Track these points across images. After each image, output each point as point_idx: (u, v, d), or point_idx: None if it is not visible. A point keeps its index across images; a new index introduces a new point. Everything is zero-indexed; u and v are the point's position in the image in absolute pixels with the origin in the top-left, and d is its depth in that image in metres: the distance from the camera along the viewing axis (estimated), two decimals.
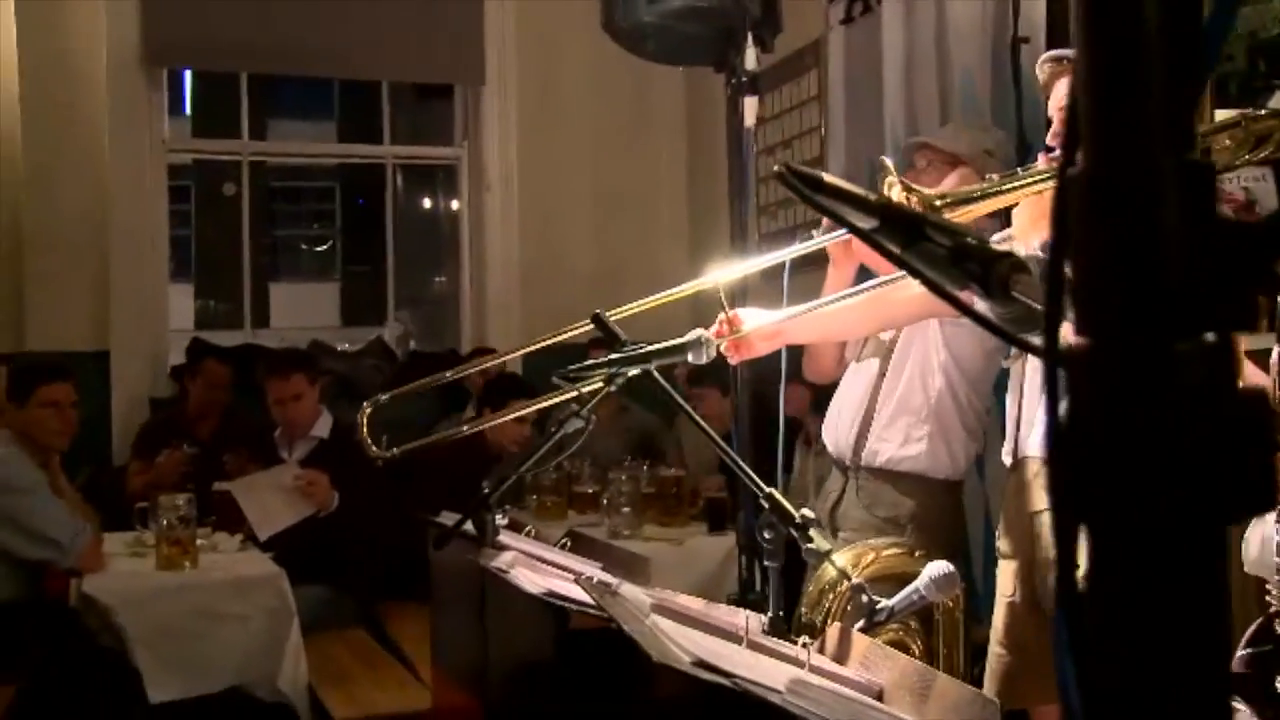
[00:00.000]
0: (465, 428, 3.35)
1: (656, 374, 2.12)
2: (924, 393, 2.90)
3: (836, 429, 3.07)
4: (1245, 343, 0.40)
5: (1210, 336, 0.41)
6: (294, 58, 6.02)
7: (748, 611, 1.83)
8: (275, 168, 14.85)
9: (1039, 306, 0.75)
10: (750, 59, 3.05)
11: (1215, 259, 0.41)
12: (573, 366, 2.13)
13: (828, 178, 0.79)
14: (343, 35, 5.88)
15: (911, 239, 0.79)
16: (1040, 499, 2.28)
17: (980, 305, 0.78)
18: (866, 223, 0.78)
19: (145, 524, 3.82)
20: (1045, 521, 2.24)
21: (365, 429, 2.48)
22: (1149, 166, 0.41)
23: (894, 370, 2.93)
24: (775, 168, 0.80)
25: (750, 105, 3.08)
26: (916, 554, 2.64)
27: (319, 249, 18.10)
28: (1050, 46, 3.33)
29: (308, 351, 5.30)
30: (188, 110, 12.59)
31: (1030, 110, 3.36)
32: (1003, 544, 2.45)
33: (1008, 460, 2.42)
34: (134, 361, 5.60)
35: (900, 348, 2.94)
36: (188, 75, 10.76)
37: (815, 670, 1.51)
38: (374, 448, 2.49)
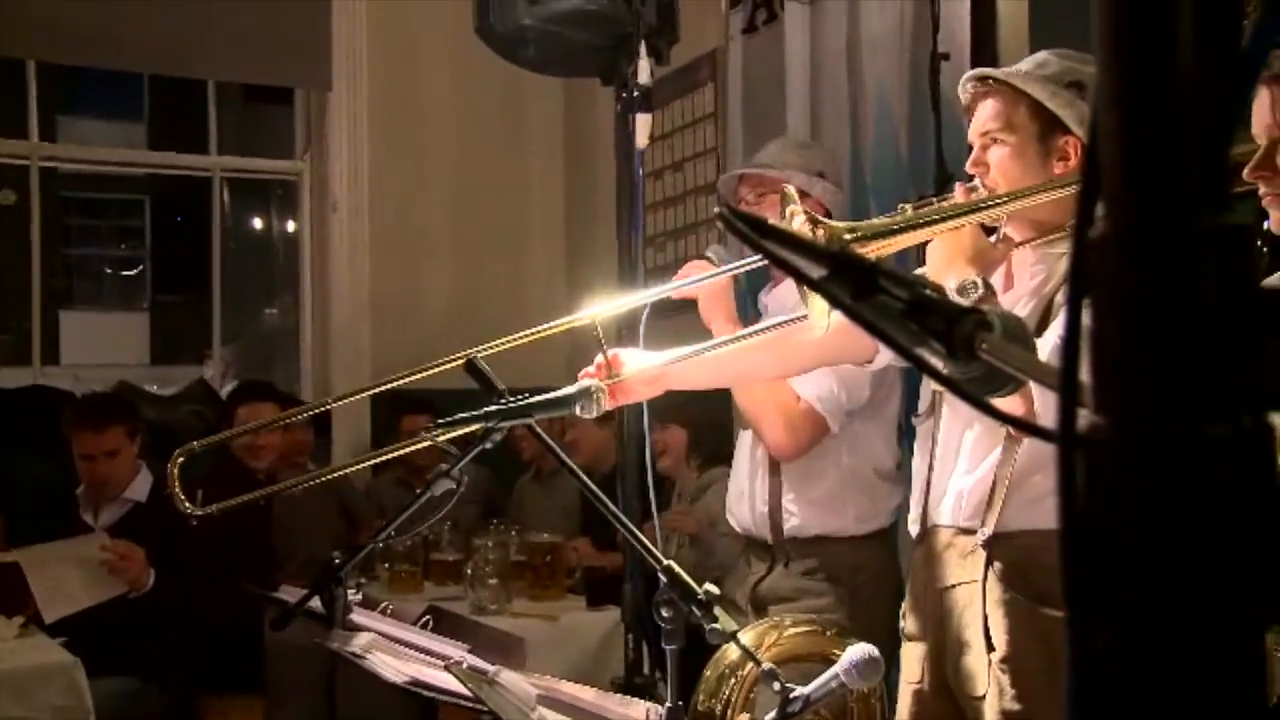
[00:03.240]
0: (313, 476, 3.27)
1: (538, 429, 2.12)
2: (831, 452, 2.99)
3: (744, 507, 3.12)
4: None
5: (1246, 419, 0.42)
6: (96, 46, 5.79)
7: (647, 704, 1.82)
8: (69, 175, 14.40)
9: (1009, 369, 0.77)
10: (644, 71, 3.07)
11: (1252, 332, 0.42)
12: (445, 419, 2.10)
13: (773, 222, 0.80)
14: (159, 23, 5.69)
15: (864, 290, 0.80)
16: (953, 573, 2.29)
17: (938, 363, 0.80)
18: (816, 271, 0.79)
19: None
20: (958, 598, 2.27)
21: (175, 482, 2.39)
22: (1182, 231, 0.42)
23: None
24: (716, 210, 0.80)
25: (643, 123, 3.10)
26: (828, 633, 2.68)
27: (125, 273, 17.61)
28: (975, 64, 3.44)
29: (128, 400, 5.08)
30: None
31: (951, 134, 3.46)
32: (909, 623, 2.46)
33: (914, 530, 2.43)
34: None
35: None
36: None
37: None
38: (186, 504, 2.40)
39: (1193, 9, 0.43)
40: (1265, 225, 1.72)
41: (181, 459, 2.43)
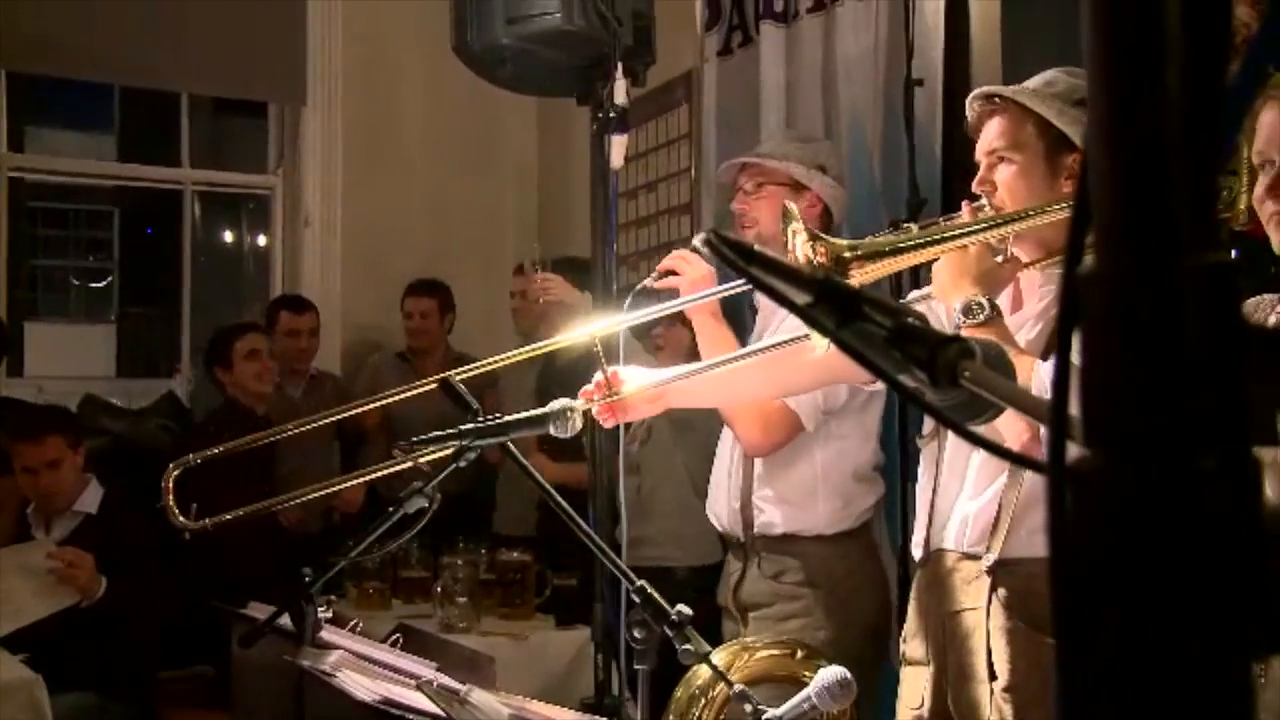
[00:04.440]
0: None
1: (513, 448, 2.12)
2: (805, 450, 3.00)
3: (718, 502, 3.11)
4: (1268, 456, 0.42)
5: (1234, 452, 0.42)
6: (67, 56, 5.73)
7: None
8: (36, 185, 14.29)
9: (990, 398, 0.77)
10: (620, 92, 3.09)
11: (1239, 368, 0.43)
12: (418, 437, 2.10)
13: (758, 247, 0.80)
14: (131, 34, 5.65)
15: (848, 317, 0.81)
16: (957, 598, 2.28)
17: (922, 390, 0.80)
18: (801, 298, 0.80)
19: None
20: (962, 624, 2.26)
21: (170, 495, 2.38)
22: (1172, 265, 0.42)
23: None
24: (700, 236, 0.81)
25: (618, 144, 3.12)
26: (798, 654, 2.68)
27: (92, 285, 17.48)
28: (948, 91, 3.46)
29: (64, 409, 5.04)
30: None
31: (924, 159, 3.49)
32: (910, 647, 2.44)
33: (918, 553, 2.41)
34: None
35: None
36: None
37: None
38: (180, 517, 2.38)
39: (1182, 42, 0.44)
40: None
41: (177, 472, 2.42)
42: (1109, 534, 0.43)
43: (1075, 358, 0.47)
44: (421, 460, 2.16)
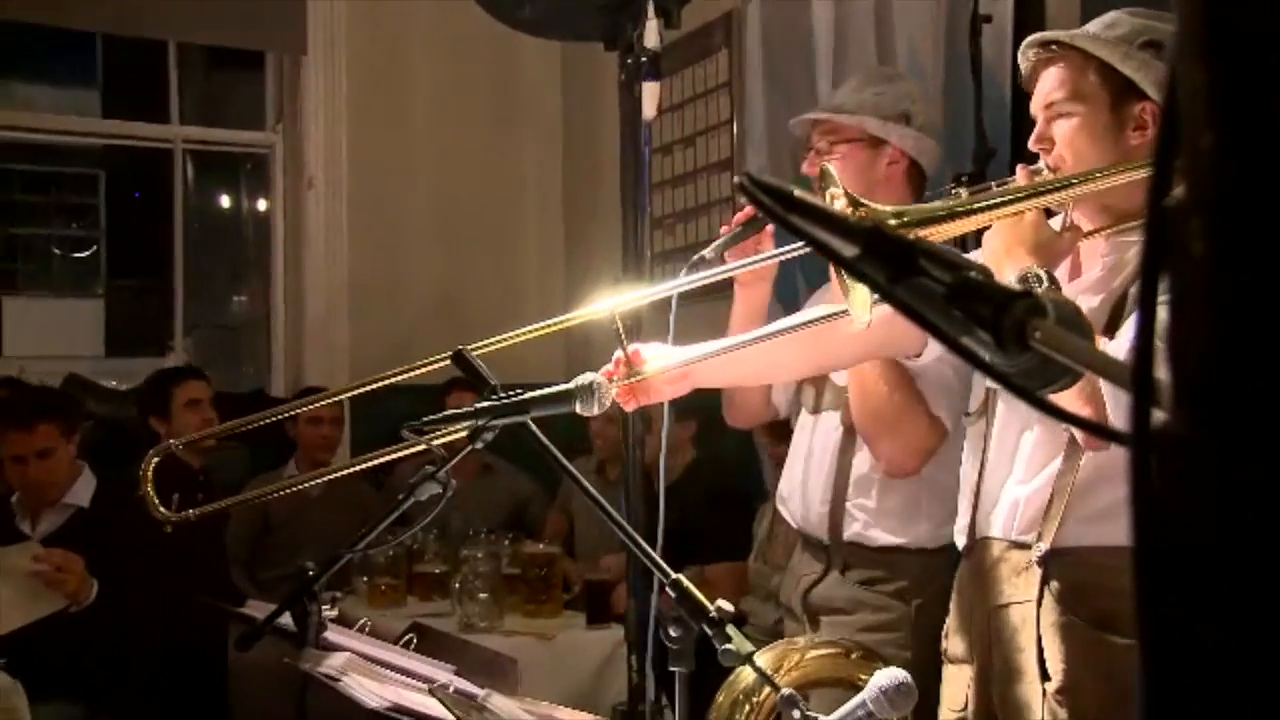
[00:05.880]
0: (293, 482, 3.27)
1: (535, 428, 2.10)
2: None
3: (802, 500, 3.05)
4: None
5: None
6: (48, 3, 5.81)
7: None
8: (15, 145, 14.37)
9: (1065, 361, 0.75)
10: (651, 35, 3.05)
11: None
12: (428, 417, 2.09)
13: (800, 194, 0.78)
14: None
15: (902, 271, 0.79)
16: (1004, 591, 2.26)
17: (985, 354, 0.78)
18: (849, 250, 0.78)
19: None
20: (1009, 619, 2.24)
21: (150, 484, 2.39)
22: None
23: None
24: (736, 179, 0.79)
25: (650, 92, 3.08)
26: (853, 655, 2.66)
27: (76, 255, 17.60)
28: (1019, 28, 3.41)
29: (59, 392, 5.08)
30: None
31: (992, 104, 3.44)
32: (952, 645, 2.43)
33: (961, 540, 2.40)
34: None
35: None
36: None
37: None
38: (161, 508, 2.39)
39: None
40: None
41: (156, 459, 2.43)
42: (1203, 513, 0.41)
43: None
44: (435, 443, 2.16)
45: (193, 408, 5.01)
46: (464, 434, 2.08)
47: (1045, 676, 2.17)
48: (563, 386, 2.13)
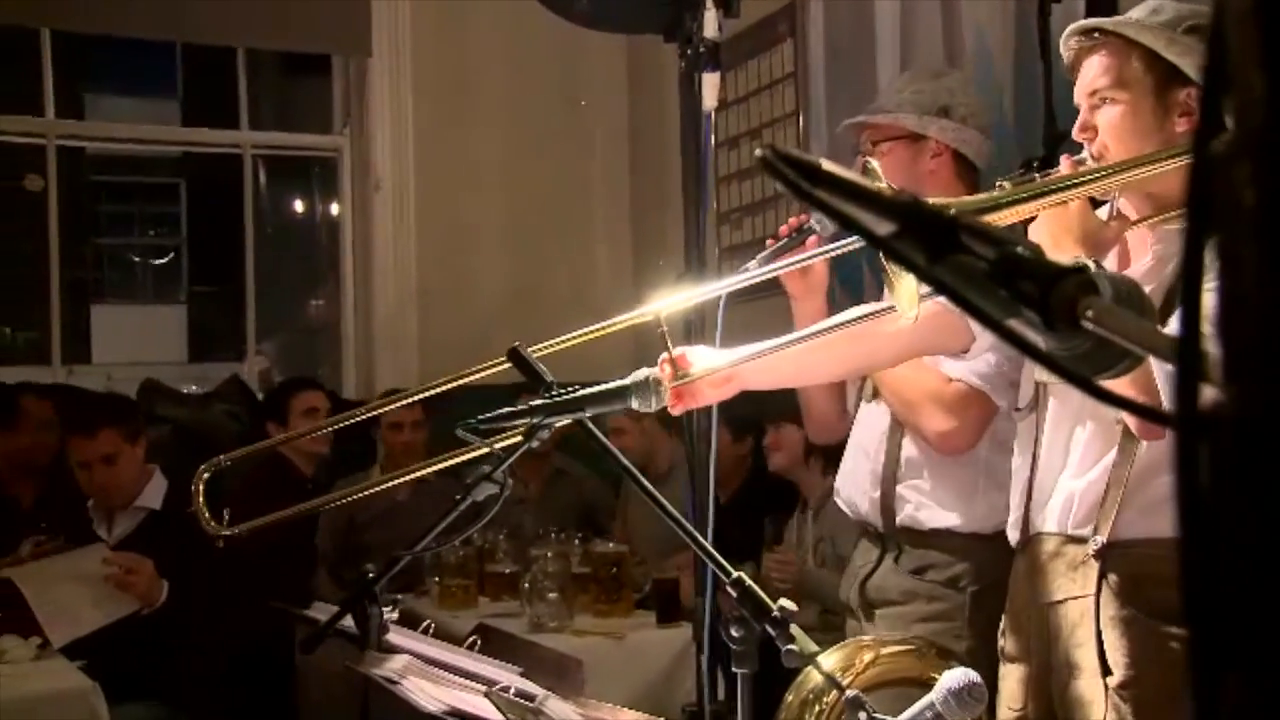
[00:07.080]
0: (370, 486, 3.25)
1: (591, 426, 2.07)
2: None
3: (854, 488, 3.01)
4: None
5: None
6: (117, 13, 5.83)
7: None
8: (99, 157, 14.59)
9: (1122, 342, 0.69)
10: (711, 25, 3.01)
11: None
12: (484, 416, 2.06)
13: (828, 165, 0.73)
14: None
15: (942, 249, 0.73)
16: (1061, 586, 2.24)
17: (1034, 337, 0.73)
18: (884, 227, 0.72)
19: None
20: (1067, 615, 2.22)
21: (201, 498, 2.39)
22: None
23: None
24: (757, 152, 0.74)
25: (710, 83, 3.04)
26: (927, 654, 2.60)
27: (157, 262, 17.89)
28: (1092, 9, 3.33)
29: (122, 398, 5.12)
30: None
31: (1063, 87, 3.35)
32: (1008, 643, 2.42)
33: (1014, 536, 2.38)
34: None
35: None
36: None
37: None
38: (212, 522, 2.39)
39: None
40: None
41: (208, 474, 2.43)
42: (1255, 499, 0.36)
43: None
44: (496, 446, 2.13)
45: (309, 416, 5.16)
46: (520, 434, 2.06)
47: (1106, 671, 2.16)
48: (619, 382, 2.10)
